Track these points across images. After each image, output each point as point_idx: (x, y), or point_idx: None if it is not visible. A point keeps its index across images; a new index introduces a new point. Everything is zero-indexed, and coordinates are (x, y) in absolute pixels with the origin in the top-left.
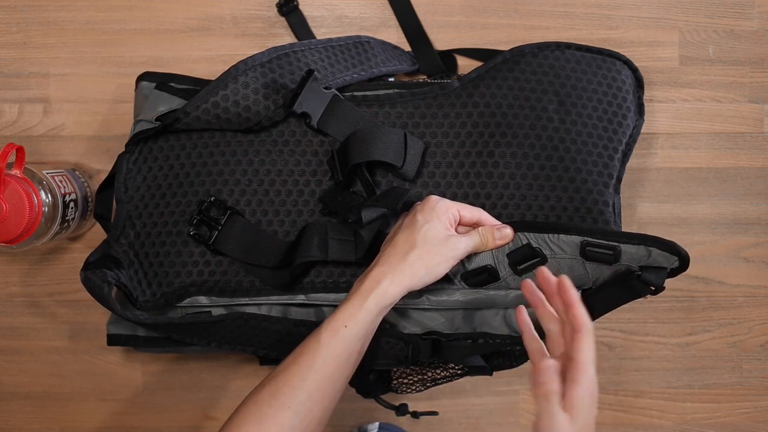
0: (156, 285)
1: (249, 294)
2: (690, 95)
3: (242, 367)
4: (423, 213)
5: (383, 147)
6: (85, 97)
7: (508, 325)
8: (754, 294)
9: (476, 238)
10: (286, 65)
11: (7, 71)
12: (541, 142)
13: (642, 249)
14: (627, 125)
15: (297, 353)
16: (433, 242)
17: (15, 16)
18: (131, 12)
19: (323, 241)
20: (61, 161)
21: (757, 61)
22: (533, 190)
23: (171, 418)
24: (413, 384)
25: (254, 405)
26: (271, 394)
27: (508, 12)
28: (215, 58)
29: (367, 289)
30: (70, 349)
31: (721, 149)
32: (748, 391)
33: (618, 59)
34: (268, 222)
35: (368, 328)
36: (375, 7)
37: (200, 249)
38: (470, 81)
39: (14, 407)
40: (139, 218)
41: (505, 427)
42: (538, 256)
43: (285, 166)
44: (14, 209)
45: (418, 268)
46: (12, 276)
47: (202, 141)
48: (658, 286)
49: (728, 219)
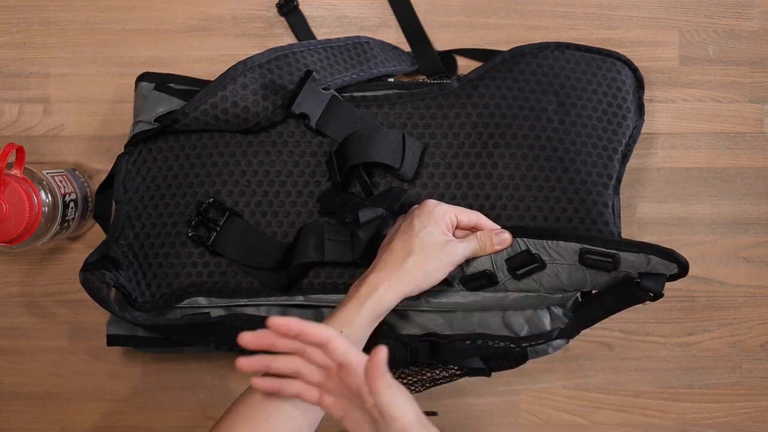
0: (155, 286)
1: (248, 295)
2: (690, 95)
3: None
4: (420, 218)
5: (381, 148)
6: (85, 97)
7: (507, 326)
8: (754, 294)
9: (474, 243)
10: (285, 66)
11: (7, 71)
12: (540, 142)
13: (641, 257)
14: (627, 125)
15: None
16: (430, 248)
17: (15, 16)
18: (131, 12)
19: (320, 242)
20: (61, 161)
21: (757, 61)
22: (533, 191)
23: (171, 418)
24: (413, 384)
25: (246, 408)
26: (263, 396)
27: (508, 12)
28: (215, 58)
29: (364, 294)
30: (70, 349)
31: (721, 149)
32: (748, 391)
33: (618, 59)
34: (267, 223)
35: (364, 334)
36: (375, 7)
37: (199, 250)
38: (470, 81)
39: (14, 407)
40: (138, 219)
41: (505, 427)
42: (537, 262)
43: (284, 167)
44: (14, 209)
45: (415, 275)
46: (12, 276)
47: (201, 142)
48: (657, 293)
49: (728, 219)
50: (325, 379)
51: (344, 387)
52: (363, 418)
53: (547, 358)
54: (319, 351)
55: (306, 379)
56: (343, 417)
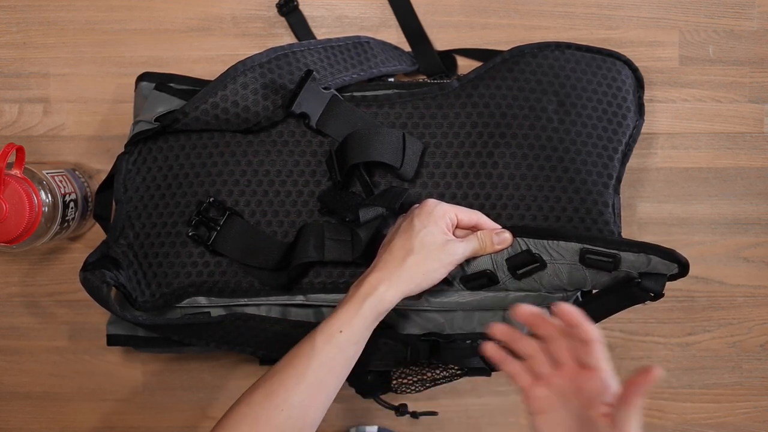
0: (155, 285)
1: (248, 294)
2: (690, 95)
3: (242, 366)
4: (420, 217)
5: (381, 147)
6: (85, 97)
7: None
8: (754, 294)
9: (475, 242)
10: (285, 66)
11: (7, 71)
12: (540, 142)
13: (642, 257)
14: (627, 125)
15: (291, 356)
16: (430, 248)
17: (15, 16)
18: (131, 12)
19: (320, 241)
20: (61, 161)
21: (757, 61)
22: (533, 190)
23: (171, 418)
24: (413, 384)
25: (247, 406)
26: (264, 396)
27: (508, 12)
28: (215, 58)
29: (364, 294)
30: (70, 349)
31: (721, 149)
32: (748, 391)
33: (618, 59)
34: (267, 222)
35: (363, 334)
36: (375, 7)
37: (199, 250)
38: (470, 81)
39: (14, 407)
40: (138, 219)
41: (505, 427)
42: (538, 262)
43: (284, 166)
44: (14, 209)
45: (415, 274)
46: (12, 276)
47: (201, 141)
48: (657, 293)
49: (728, 219)
50: (550, 373)
51: (572, 386)
52: (569, 420)
53: None
54: (566, 346)
55: (532, 365)
56: (543, 413)
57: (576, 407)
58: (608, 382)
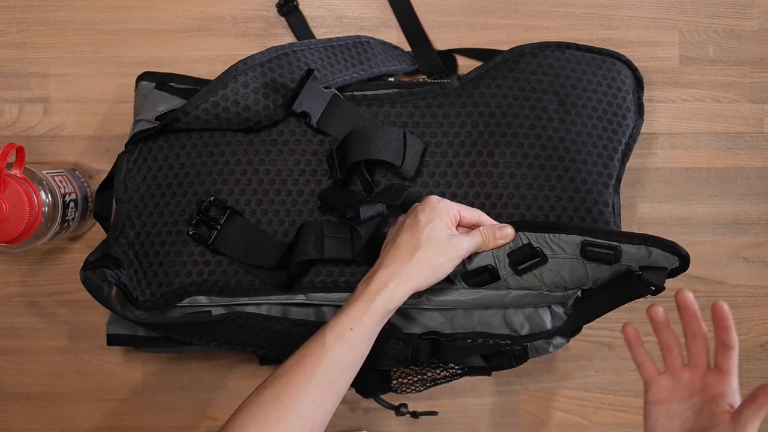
0: (156, 285)
1: (249, 293)
2: (690, 95)
3: (242, 366)
4: (425, 212)
5: (382, 146)
6: (85, 97)
7: (507, 324)
8: (754, 294)
9: (478, 237)
10: (286, 65)
11: (7, 71)
12: (540, 141)
13: (643, 249)
14: (627, 125)
15: (301, 355)
16: (437, 242)
17: (15, 16)
18: (131, 12)
19: (319, 239)
20: (61, 161)
21: (757, 61)
22: (533, 189)
23: (171, 418)
24: (413, 384)
25: (256, 408)
26: (274, 396)
27: (508, 12)
28: (215, 58)
29: (374, 291)
30: (70, 349)
31: (721, 149)
32: (748, 391)
33: (618, 59)
34: (268, 221)
35: (373, 331)
36: (375, 7)
37: (200, 249)
38: (470, 81)
39: (14, 407)
40: (138, 218)
41: (505, 427)
42: (539, 256)
43: (285, 165)
44: (14, 209)
45: (424, 269)
46: (12, 276)
47: (202, 141)
48: (658, 286)
49: (728, 219)
50: (680, 366)
51: (700, 383)
52: (688, 412)
53: (547, 358)
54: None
55: (666, 355)
56: (663, 402)
57: (698, 402)
58: (735, 387)
